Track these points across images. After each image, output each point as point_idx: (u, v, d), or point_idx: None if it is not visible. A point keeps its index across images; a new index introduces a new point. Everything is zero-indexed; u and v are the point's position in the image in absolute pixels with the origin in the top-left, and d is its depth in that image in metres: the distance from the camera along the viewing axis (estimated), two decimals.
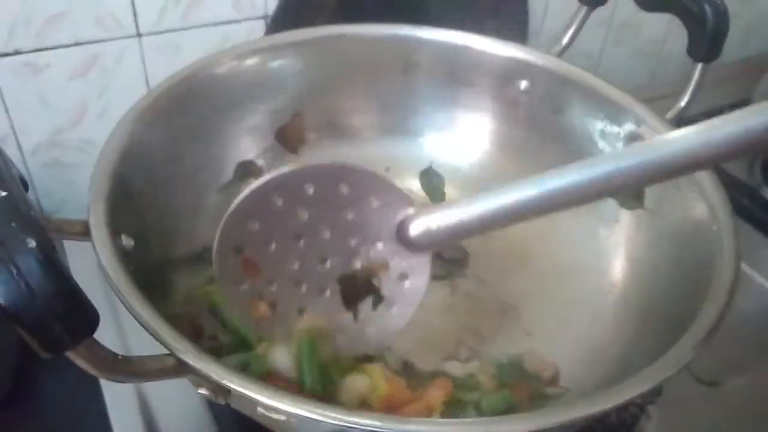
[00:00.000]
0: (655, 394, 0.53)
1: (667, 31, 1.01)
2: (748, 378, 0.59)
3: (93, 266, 0.40)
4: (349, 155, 0.64)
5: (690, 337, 0.40)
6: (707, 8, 0.53)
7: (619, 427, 0.54)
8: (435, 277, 0.56)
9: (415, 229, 0.37)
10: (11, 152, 0.68)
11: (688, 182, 0.51)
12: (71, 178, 0.74)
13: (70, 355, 0.32)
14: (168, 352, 0.36)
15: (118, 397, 0.53)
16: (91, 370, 0.33)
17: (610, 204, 0.58)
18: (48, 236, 0.30)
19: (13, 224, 0.30)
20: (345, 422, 0.34)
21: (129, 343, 0.56)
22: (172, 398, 0.53)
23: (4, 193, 0.31)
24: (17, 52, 0.65)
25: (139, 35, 0.70)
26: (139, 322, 0.37)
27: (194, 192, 0.55)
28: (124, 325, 0.56)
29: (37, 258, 0.29)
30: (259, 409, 0.37)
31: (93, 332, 0.31)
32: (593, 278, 0.56)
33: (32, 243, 0.29)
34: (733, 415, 0.57)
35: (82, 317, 0.31)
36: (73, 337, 0.31)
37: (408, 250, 0.37)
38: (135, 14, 0.68)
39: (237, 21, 0.73)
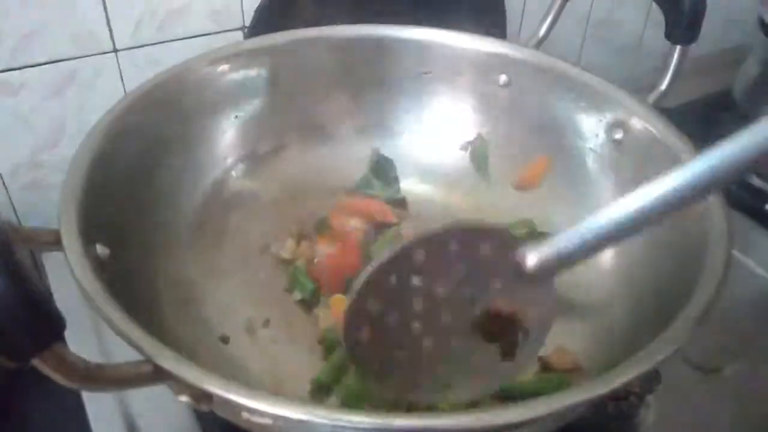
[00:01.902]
0: (654, 382, 0.52)
1: (643, 26, 1.02)
2: (745, 364, 0.58)
3: (70, 279, 0.39)
4: (330, 157, 0.64)
5: (683, 320, 0.39)
6: None
7: (617, 417, 0.52)
8: None
9: (531, 261, 0.36)
10: None
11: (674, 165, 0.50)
12: (52, 199, 0.73)
13: (37, 363, 0.30)
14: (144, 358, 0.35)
15: (101, 411, 0.51)
16: (60, 379, 0.31)
17: (597, 193, 0.58)
18: (8, 242, 0.29)
19: None
20: (332, 421, 0.33)
21: (110, 351, 0.55)
22: (157, 409, 0.51)
23: None
24: None
25: (115, 50, 0.69)
26: (112, 328, 0.35)
27: (172, 200, 0.54)
28: (104, 334, 0.55)
29: None
30: (243, 413, 0.36)
31: (58, 338, 0.30)
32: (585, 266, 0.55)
33: None
34: (731, 402, 0.56)
35: (45, 324, 0.30)
36: (38, 344, 0.30)
37: (528, 284, 0.37)
38: (110, 30, 0.67)
39: (215, 33, 0.73)
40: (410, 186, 0.65)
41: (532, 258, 0.35)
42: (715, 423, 0.54)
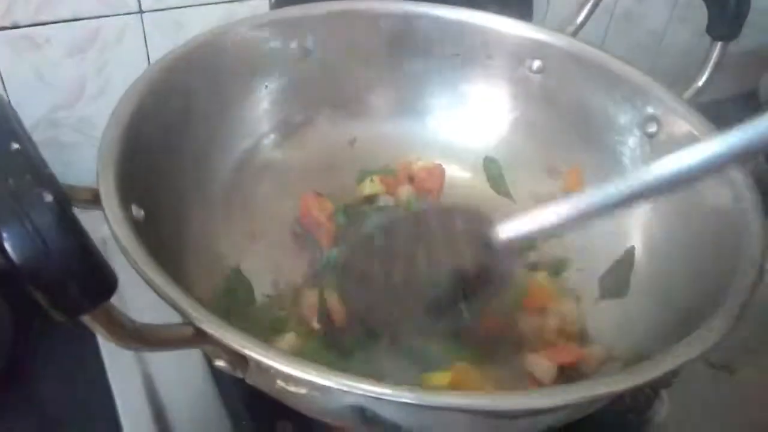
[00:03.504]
0: (671, 376, 0.52)
1: (666, 24, 1.01)
2: (760, 364, 0.59)
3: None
4: (361, 133, 0.63)
5: (719, 318, 0.39)
6: None
7: (633, 409, 0.53)
8: None
9: (501, 238, 0.42)
10: None
11: None
12: (69, 158, 0.72)
13: (87, 320, 0.30)
14: (185, 321, 0.34)
15: (120, 373, 0.52)
16: (107, 336, 0.31)
17: None
18: (66, 197, 0.29)
19: (28, 176, 0.28)
20: (373, 393, 0.32)
21: (129, 310, 0.54)
22: (179, 378, 0.51)
23: (16, 146, 0.29)
24: (15, 26, 0.63)
25: (141, 11, 0.68)
26: (155, 290, 0.35)
27: (204, 165, 0.54)
28: (126, 298, 0.54)
29: (54, 213, 0.28)
30: (278, 381, 0.36)
31: (111, 295, 0.30)
32: (609, 260, 0.56)
33: (48, 197, 0.28)
34: (744, 401, 0.57)
35: (100, 278, 0.29)
36: (92, 299, 0.29)
37: (497, 253, 0.43)
38: None
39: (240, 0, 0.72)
40: None
41: (502, 236, 0.42)
42: (726, 421, 0.55)
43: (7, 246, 0.27)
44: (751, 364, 0.58)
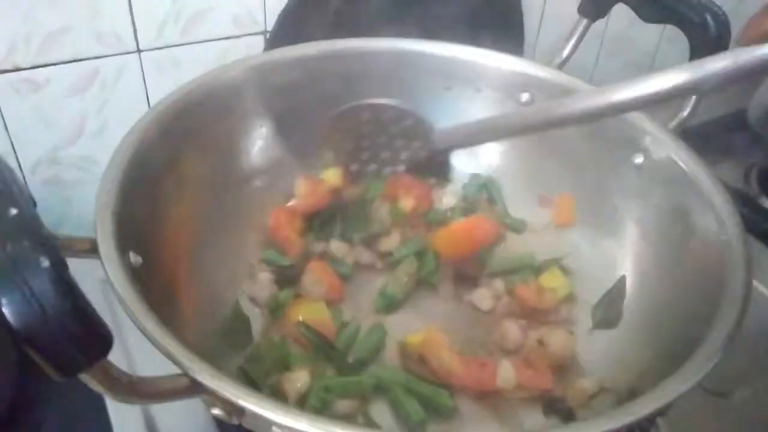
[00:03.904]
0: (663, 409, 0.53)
1: (658, 44, 1.02)
2: (756, 389, 0.59)
3: (94, 287, 0.39)
4: None
5: (708, 346, 0.40)
6: (709, 18, 0.53)
7: None
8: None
9: (439, 138, 0.54)
10: None
11: (695, 194, 0.51)
12: (70, 195, 0.73)
13: (84, 377, 0.31)
14: (181, 372, 0.35)
15: (124, 418, 0.52)
16: (104, 392, 0.32)
17: (614, 218, 0.58)
18: (61, 255, 0.30)
19: (26, 242, 0.29)
20: None
21: (134, 364, 0.55)
22: (180, 419, 0.52)
23: (15, 211, 0.30)
24: (17, 69, 0.64)
25: (139, 51, 0.69)
26: (150, 341, 0.36)
27: (198, 209, 0.54)
28: (129, 345, 0.55)
29: (51, 277, 0.29)
30: (274, 429, 0.37)
31: (107, 353, 0.31)
32: (600, 290, 0.56)
33: (45, 262, 0.29)
34: (740, 426, 0.57)
35: (96, 338, 0.30)
36: (88, 358, 0.30)
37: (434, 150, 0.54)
38: (135, 30, 0.68)
39: (237, 36, 0.73)
40: None
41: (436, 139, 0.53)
42: None
43: (6, 311, 0.28)
44: (746, 389, 0.59)
